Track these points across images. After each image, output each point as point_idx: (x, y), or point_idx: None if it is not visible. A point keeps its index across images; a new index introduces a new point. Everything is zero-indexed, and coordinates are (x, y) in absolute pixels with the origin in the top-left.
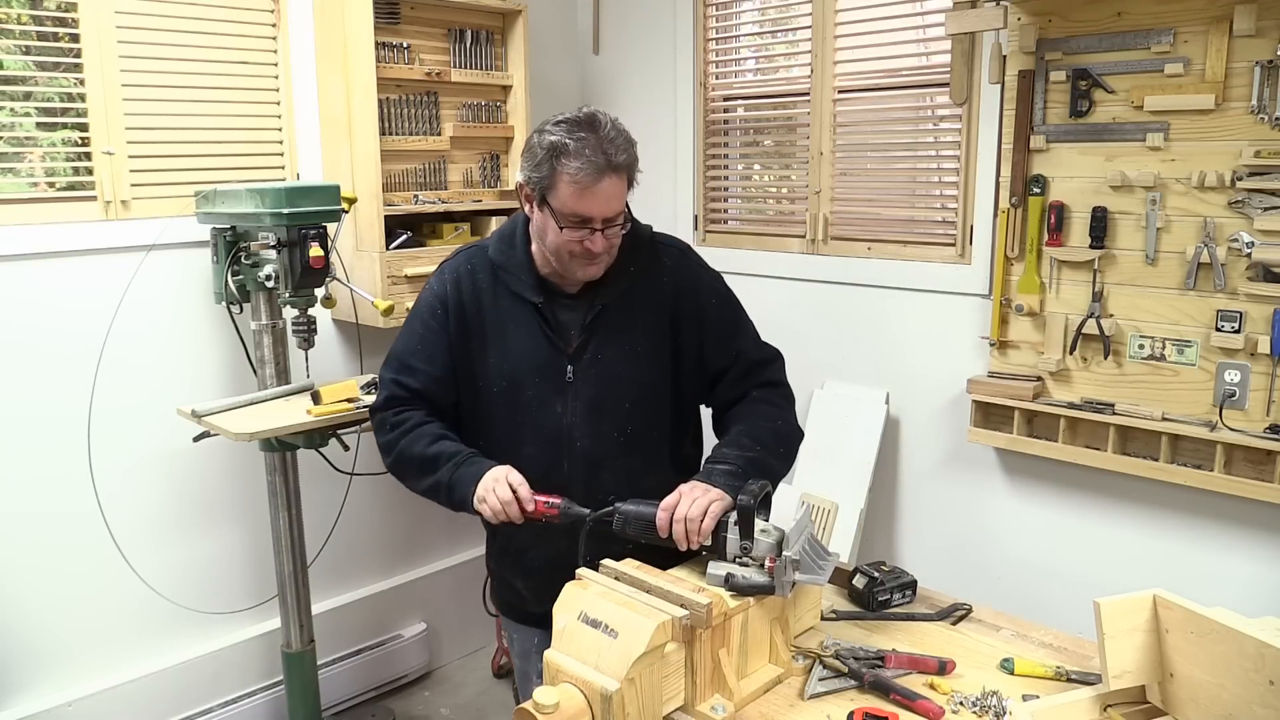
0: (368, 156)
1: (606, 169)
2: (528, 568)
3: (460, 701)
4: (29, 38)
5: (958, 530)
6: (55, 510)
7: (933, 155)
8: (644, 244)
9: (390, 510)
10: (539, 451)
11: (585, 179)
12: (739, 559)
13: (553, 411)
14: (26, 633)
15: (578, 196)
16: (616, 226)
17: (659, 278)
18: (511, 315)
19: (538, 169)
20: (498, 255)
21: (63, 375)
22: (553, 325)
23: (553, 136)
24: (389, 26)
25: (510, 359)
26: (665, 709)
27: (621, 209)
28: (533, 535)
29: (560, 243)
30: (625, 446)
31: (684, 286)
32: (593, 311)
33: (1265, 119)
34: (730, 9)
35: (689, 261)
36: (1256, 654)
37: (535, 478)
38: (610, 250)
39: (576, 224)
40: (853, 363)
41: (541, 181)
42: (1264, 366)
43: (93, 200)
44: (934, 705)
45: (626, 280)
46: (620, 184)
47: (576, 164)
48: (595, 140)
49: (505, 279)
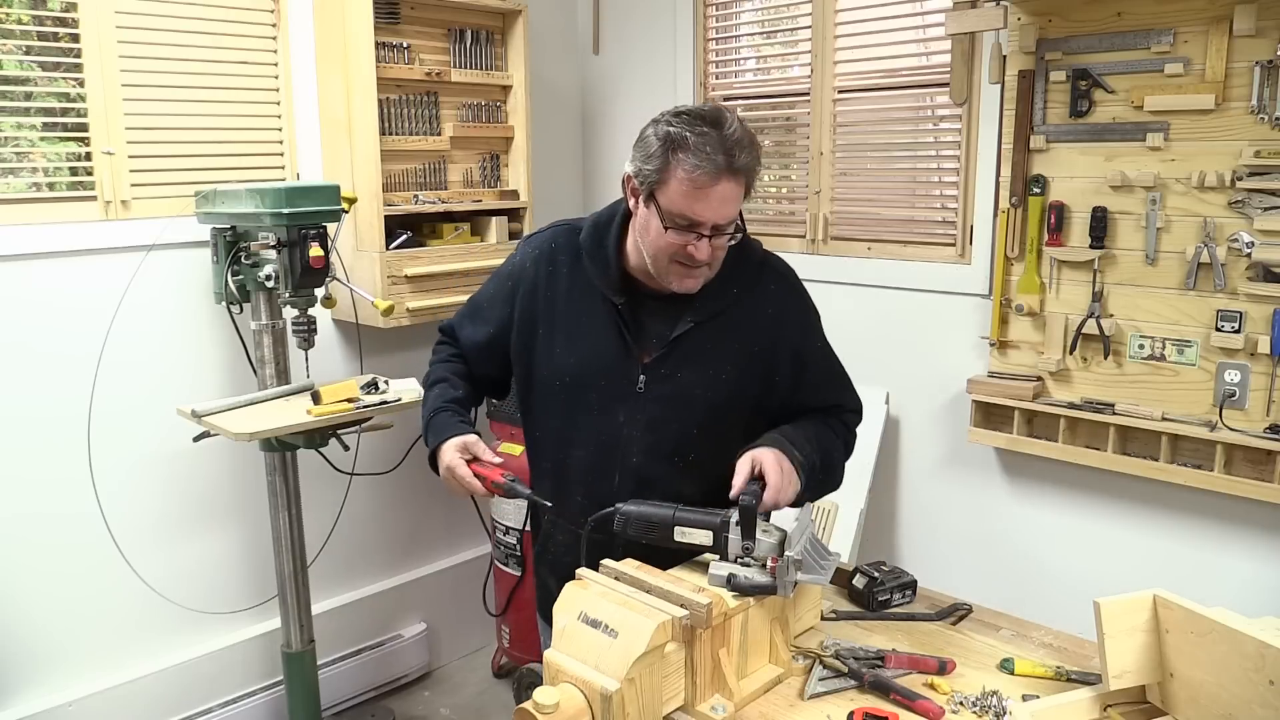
0: (368, 156)
1: (725, 170)
2: (560, 571)
3: (460, 701)
4: (29, 38)
5: (958, 530)
6: (55, 510)
7: (933, 155)
8: (752, 264)
9: (390, 510)
10: (590, 457)
11: (701, 178)
12: (740, 559)
13: (614, 419)
14: (27, 633)
15: (690, 197)
16: (725, 236)
17: (763, 304)
18: (587, 307)
19: (649, 161)
20: (588, 241)
21: (63, 375)
22: (632, 329)
23: (671, 128)
24: (389, 26)
25: (577, 354)
26: (665, 709)
27: (734, 217)
28: (572, 540)
29: (662, 245)
30: (682, 471)
31: (789, 320)
32: (683, 326)
33: (1265, 119)
34: (730, 9)
35: (798, 294)
36: (1256, 654)
37: (580, 482)
38: (714, 263)
39: (684, 227)
40: (853, 363)
41: (652, 176)
42: (1264, 366)
43: (93, 200)
44: (934, 705)
45: (726, 300)
46: (738, 189)
47: (694, 160)
48: (718, 138)
49: (589, 268)
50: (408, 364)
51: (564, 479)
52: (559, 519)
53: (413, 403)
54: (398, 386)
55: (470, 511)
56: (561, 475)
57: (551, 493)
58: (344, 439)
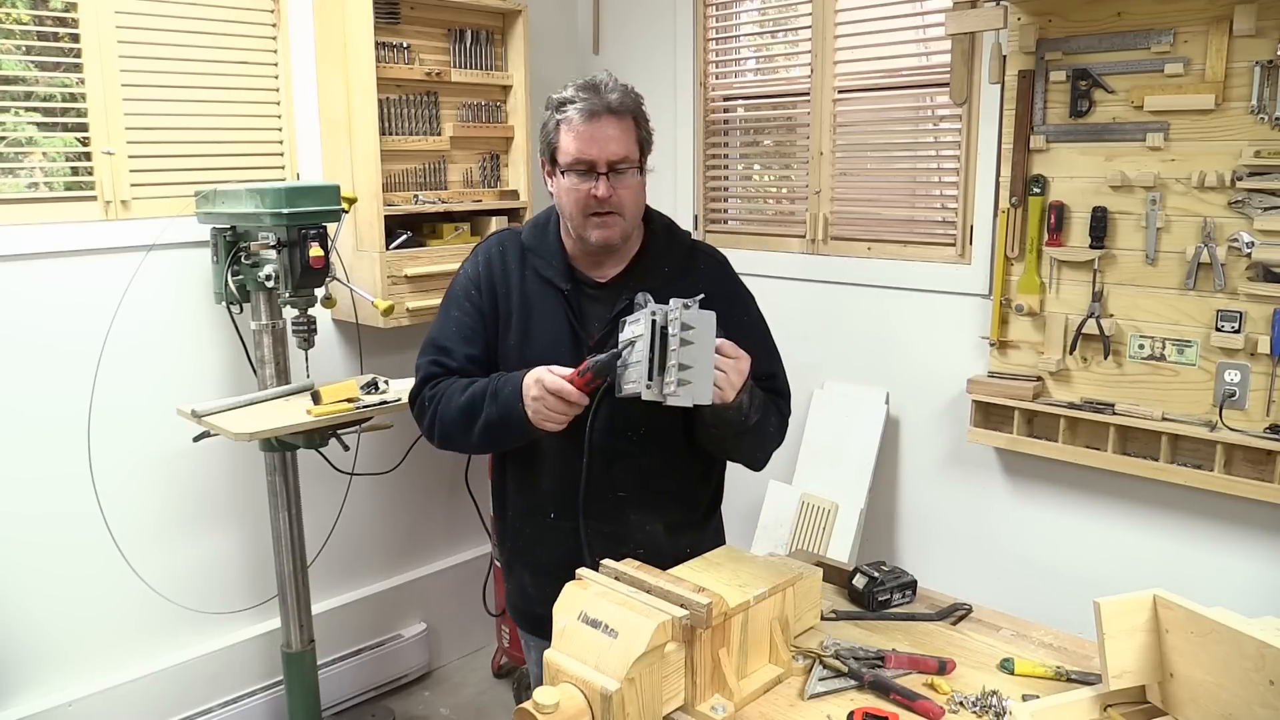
0: (368, 156)
1: (603, 110)
2: (536, 565)
3: (460, 701)
4: (29, 38)
5: (958, 530)
6: (55, 510)
7: (933, 155)
8: (681, 247)
9: (390, 510)
10: (555, 441)
11: (580, 120)
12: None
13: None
14: (27, 633)
15: (577, 140)
16: (624, 175)
17: (694, 282)
18: (538, 300)
19: (544, 131)
20: (529, 238)
21: (63, 375)
22: (577, 314)
23: (553, 96)
24: (389, 26)
25: (533, 344)
26: (665, 709)
27: (625, 154)
28: (542, 531)
29: (572, 199)
30: (640, 444)
31: (720, 295)
32: (620, 304)
33: (1265, 119)
34: (730, 9)
35: (726, 273)
36: (1256, 654)
37: (546, 469)
38: (625, 210)
39: (581, 172)
40: (853, 363)
41: (549, 142)
42: (1264, 366)
43: (93, 200)
44: (934, 705)
45: (659, 278)
46: (621, 126)
47: (573, 108)
48: (591, 87)
49: (535, 263)
50: (408, 364)
51: (530, 469)
52: (528, 513)
53: None
54: (398, 386)
55: (471, 512)
56: (527, 466)
57: (519, 486)
58: (344, 439)
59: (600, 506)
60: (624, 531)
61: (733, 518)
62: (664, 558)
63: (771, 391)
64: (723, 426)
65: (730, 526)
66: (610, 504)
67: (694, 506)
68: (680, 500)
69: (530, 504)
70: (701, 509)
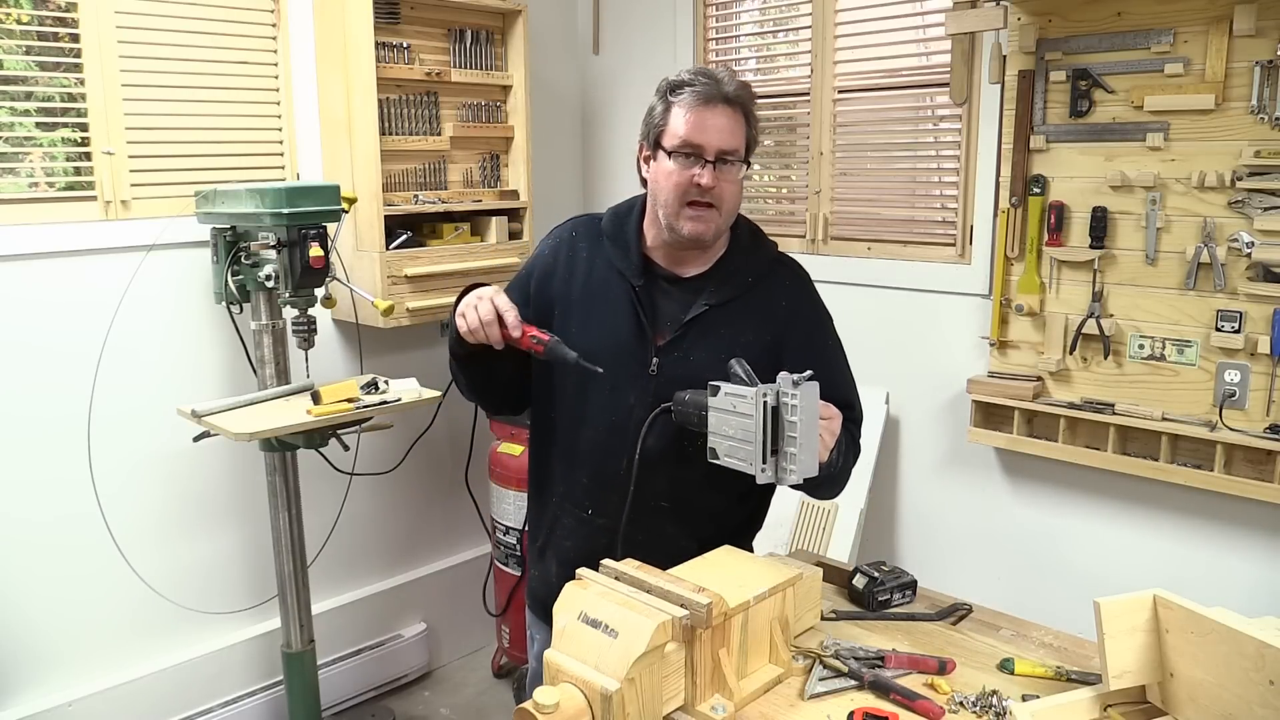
0: (368, 156)
1: (719, 97)
2: (564, 557)
3: (460, 701)
4: (29, 38)
5: (958, 530)
6: (55, 510)
7: (933, 155)
8: (768, 257)
9: (390, 510)
10: (599, 437)
11: (698, 104)
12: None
13: (624, 400)
14: (27, 633)
15: (690, 124)
16: (731, 167)
17: (776, 295)
18: (605, 290)
19: (653, 115)
20: (608, 225)
21: (63, 375)
22: (648, 311)
23: (669, 79)
24: (389, 26)
25: (593, 334)
26: (665, 709)
27: (737, 146)
28: (575, 523)
29: (671, 184)
30: (688, 455)
31: (801, 313)
32: (696, 309)
33: (1265, 119)
34: (730, 9)
35: (810, 290)
36: (1256, 654)
37: (589, 463)
38: (723, 205)
39: (687, 155)
40: (852, 363)
41: (657, 123)
42: (1264, 366)
43: (93, 200)
44: (934, 705)
45: (740, 287)
46: (735, 119)
47: (690, 91)
48: (710, 74)
49: (609, 252)
50: (408, 364)
51: (573, 460)
52: (565, 502)
53: (413, 403)
54: (398, 386)
55: (471, 512)
56: (571, 456)
57: (561, 474)
58: (344, 439)
59: (639, 512)
60: (657, 541)
61: None
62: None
63: (849, 421)
64: (810, 481)
65: None
66: (649, 511)
67: (729, 527)
68: (717, 520)
69: (570, 496)
70: (736, 530)
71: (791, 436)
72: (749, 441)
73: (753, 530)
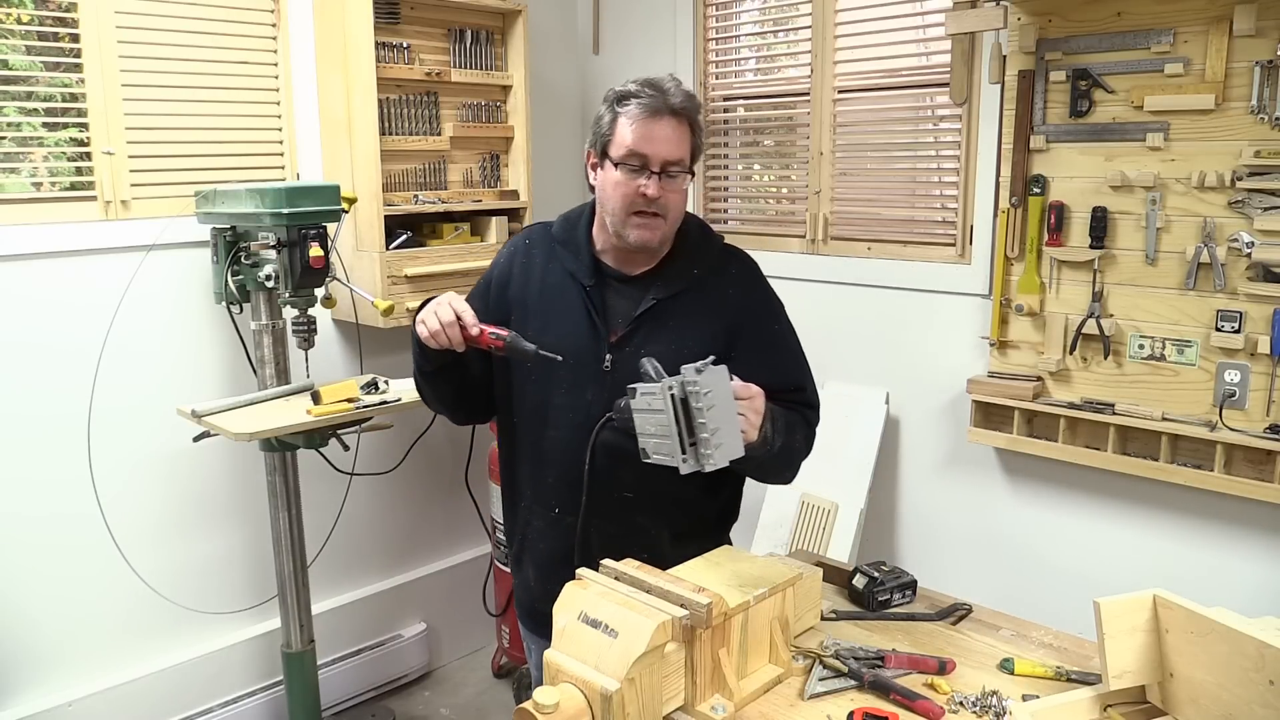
0: (368, 156)
1: (665, 109)
2: (539, 559)
3: (460, 701)
4: (30, 37)
5: (958, 530)
6: (55, 510)
7: (933, 155)
8: (713, 249)
9: (390, 510)
10: (562, 436)
11: (642, 115)
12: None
13: (583, 398)
14: (26, 633)
15: (636, 135)
16: (675, 178)
17: (724, 286)
18: (560, 293)
19: (600, 124)
20: (559, 232)
21: (63, 375)
22: (599, 310)
23: (615, 90)
24: (389, 26)
25: (549, 335)
26: (665, 709)
27: (681, 156)
28: (547, 525)
29: (619, 194)
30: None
31: (750, 303)
32: (646, 303)
33: (1265, 119)
34: (730, 9)
35: (757, 280)
36: (1256, 654)
37: (554, 462)
38: (669, 213)
39: (634, 167)
40: (853, 363)
41: (604, 132)
42: (1264, 366)
43: (93, 200)
44: (934, 705)
45: (688, 280)
46: (680, 130)
47: (636, 103)
48: (656, 85)
49: (561, 256)
50: (408, 364)
51: (539, 461)
52: (535, 504)
53: (413, 403)
54: (398, 386)
55: (471, 512)
56: (537, 458)
57: (529, 477)
58: (344, 439)
59: (606, 505)
60: (628, 533)
61: None
62: (667, 564)
63: (800, 404)
64: (748, 461)
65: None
66: (616, 503)
67: (701, 517)
68: (686, 509)
69: (539, 497)
70: (710, 521)
71: (703, 423)
72: (668, 436)
73: (728, 522)
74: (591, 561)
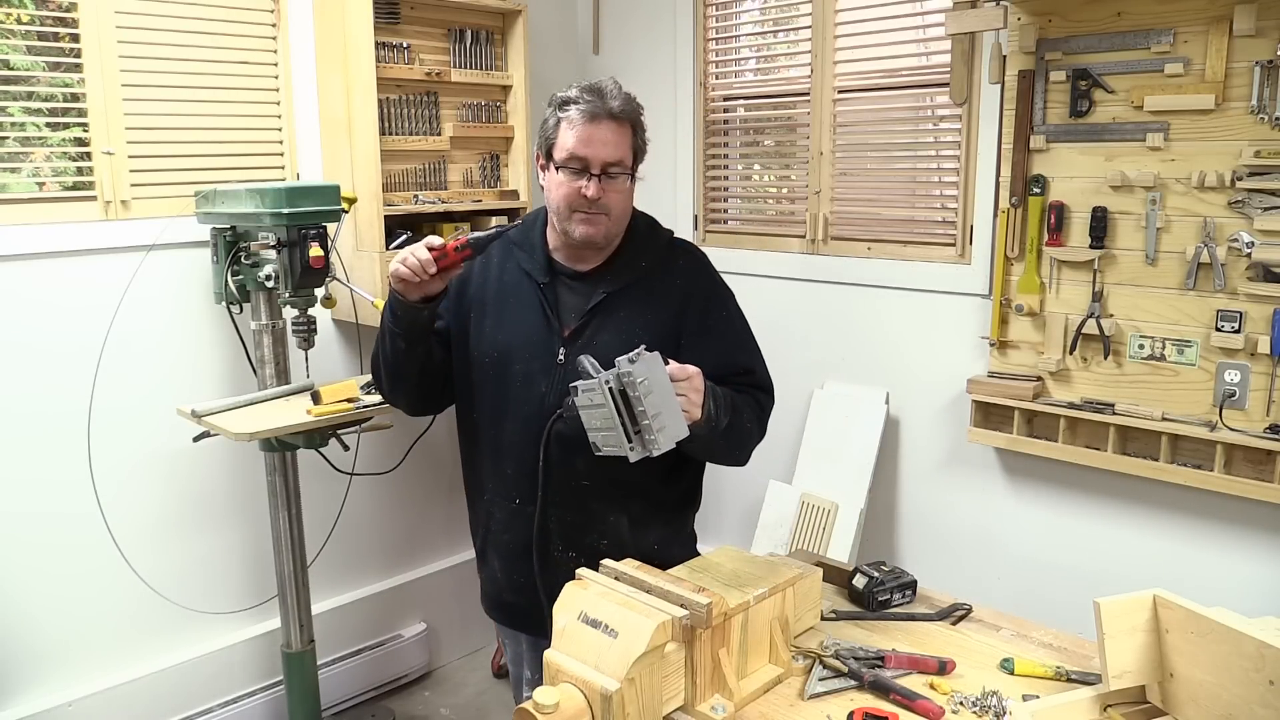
0: (368, 156)
1: (604, 114)
2: (503, 550)
3: (460, 701)
4: (30, 37)
5: (958, 530)
6: (55, 510)
7: (933, 155)
8: (660, 243)
9: (390, 510)
10: (518, 427)
11: (581, 120)
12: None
13: (536, 390)
14: (26, 633)
15: (577, 138)
16: (616, 179)
17: (671, 277)
18: (515, 290)
19: (544, 129)
20: (517, 235)
21: (63, 375)
22: (553, 305)
23: (558, 95)
24: (389, 26)
25: (505, 331)
26: (665, 709)
27: (621, 157)
28: (509, 516)
29: (561, 194)
30: None
31: (697, 292)
32: (596, 298)
33: (1265, 119)
34: (730, 9)
35: (705, 270)
36: (1256, 654)
37: (511, 454)
38: (612, 211)
39: (575, 170)
40: (853, 363)
41: (547, 136)
42: (1264, 366)
43: (93, 200)
44: (934, 705)
45: (636, 273)
46: (619, 132)
47: (577, 108)
48: (596, 90)
49: (517, 256)
50: None
51: (498, 454)
52: (496, 497)
53: None
54: None
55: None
56: (496, 451)
57: (489, 470)
58: (344, 439)
59: (563, 494)
60: (587, 521)
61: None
62: (628, 551)
63: (751, 386)
64: (696, 440)
65: (730, 526)
66: (572, 492)
67: (659, 503)
68: (644, 495)
69: (499, 489)
70: (668, 507)
71: (643, 410)
72: (613, 428)
73: (688, 508)
74: (551, 551)
